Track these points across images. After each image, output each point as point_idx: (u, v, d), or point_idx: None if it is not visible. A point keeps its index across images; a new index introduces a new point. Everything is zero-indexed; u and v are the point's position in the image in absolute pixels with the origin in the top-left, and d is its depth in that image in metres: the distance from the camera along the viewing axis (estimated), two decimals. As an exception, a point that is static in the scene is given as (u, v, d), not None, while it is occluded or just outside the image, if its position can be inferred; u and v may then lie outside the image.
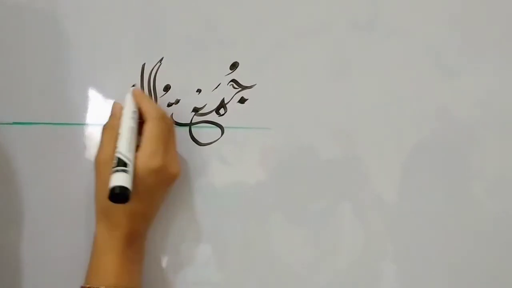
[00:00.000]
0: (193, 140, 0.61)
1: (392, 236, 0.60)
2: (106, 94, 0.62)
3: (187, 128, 0.61)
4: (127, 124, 0.55)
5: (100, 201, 0.56)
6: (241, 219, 0.62)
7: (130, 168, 0.52)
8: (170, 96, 0.62)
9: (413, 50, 0.59)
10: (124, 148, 0.53)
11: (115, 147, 0.53)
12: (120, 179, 0.50)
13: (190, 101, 0.61)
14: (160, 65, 0.61)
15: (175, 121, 0.61)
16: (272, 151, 0.61)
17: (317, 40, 0.60)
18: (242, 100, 0.61)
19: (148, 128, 0.55)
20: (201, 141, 0.61)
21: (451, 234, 0.59)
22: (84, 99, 0.62)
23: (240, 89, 0.61)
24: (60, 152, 0.62)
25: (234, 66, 0.61)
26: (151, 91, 0.62)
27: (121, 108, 0.57)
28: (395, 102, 0.60)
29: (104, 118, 0.61)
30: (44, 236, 0.63)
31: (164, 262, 0.62)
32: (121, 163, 0.52)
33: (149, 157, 0.54)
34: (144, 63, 0.61)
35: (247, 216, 0.62)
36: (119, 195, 0.50)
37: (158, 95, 0.62)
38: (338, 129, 0.60)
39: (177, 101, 0.62)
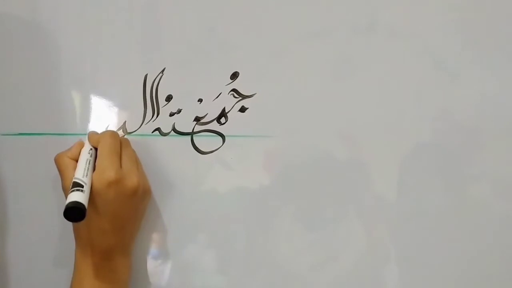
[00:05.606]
0: (195, 149, 0.62)
1: (396, 239, 0.61)
2: (109, 105, 0.63)
3: (189, 137, 0.62)
4: (84, 157, 0.57)
5: (73, 223, 0.58)
6: (244, 225, 0.62)
7: (85, 188, 0.53)
8: (172, 106, 0.62)
9: (414, 53, 0.59)
10: (80, 174, 0.54)
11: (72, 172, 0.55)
12: (73, 197, 0.51)
13: (191, 110, 0.62)
14: (162, 75, 0.62)
15: (177, 130, 0.62)
16: (273, 158, 0.62)
17: (316, 46, 0.60)
18: (242, 109, 0.61)
19: (100, 147, 0.57)
20: (203, 149, 0.62)
21: (454, 237, 0.60)
22: (87, 110, 0.63)
23: (240, 98, 0.61)
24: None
25: (234, 75, 0.61)
26: (153, 101, 0.62)
27: (82, 144, 0.59)
28: (397, 106, 0.60)
29: (107, 128, 0.62)
30: (46, 245, 0.64)
31: (169, 268, 0.63)
32: (76, 185, 0.53)
33: (103, 171, 0.55)
34: (146, 74, 0.62)
35: (250, 222, 0.62)
36: (73, 209, 0.50)
37: (160, 105, 0.62)
38: (340, 135, 0.61)
39: (179, 111, 0.62)
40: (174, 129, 0.62)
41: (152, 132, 0.62)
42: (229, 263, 0.63)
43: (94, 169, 0.56)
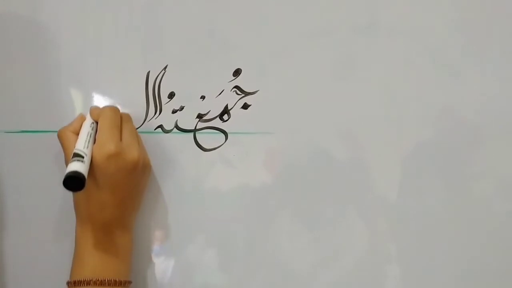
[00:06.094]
0: (198, 146, 0.62)
1: (397, 238, 0.61)
2: (111, 102, 0.63)
3: (191, 134, 0.62)
4: (86, 130, 0.57)
5: (74, 198, 0.58)
6: (246, 222, 0.62)
7: (85, 159, 0.53)
8: (175, 103, 0.62)
9: (416, 51, 0.59)
10: (81, 145, 0.54)
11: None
12: (73, 166, 0.52)
13: (194, 107, 0.62)
14: (164, 72, 0.62)
15: (180, 128, 0.62)
16: (276, 155, 0.62)
17: (318, 44, 0.61)
18: (245, 106, 0.62)
19: (101, 121, 0.57)
20: (206, 146, 0.62)
21: (456, 236, 0.60)
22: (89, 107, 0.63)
23: (243, 95, 0.62)
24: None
25: (237, 72, 0.61)
26: (155, 98, 0.62)
27: (83, 118, 0.59)
28: (399, 104, 0.60)
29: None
30: (47, 241, 0.64)
31: (171, 265, 0.63)
32: (77, 155, 0.53)
33: (103, 145, 0.55)
34: (149, 71, 0.62)
35: (252, 220, 0.62)
36: (72, 179, 0.51)
37: (163, 102, 0.62)
38: (342, 133, 0.61)
39: (182, 108, 0.62)
40: (176, 126, 0.62)
41: (155, 129, 0.63)
42: (230, 261, 0.63)
43: (95, 142, 0.56)
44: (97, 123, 0.58)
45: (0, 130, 0.64)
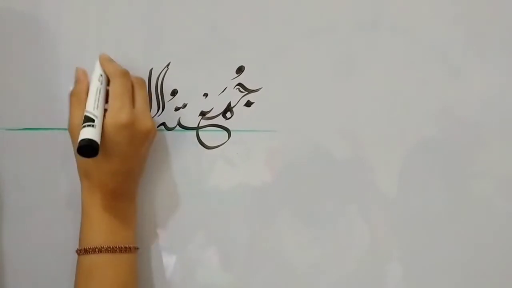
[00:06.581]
0: (201, 144, 0.62)
1: (399, 237, 0.61)
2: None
3: (194, 132, 0.62)
4: (94, 86, 0.56)
5: (80, 164, 0.57)
6: (248, 221, 0.62)
7: (97, 123, 0.53)
8: (178, 101, 0.62)
9: (418, 49, 0.60)
10: (91, 106, 0.54)
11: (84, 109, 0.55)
12: (87, 133, 0.51)
13: (197, 105, 0.62)
14: (167, 70, 0.62)
15: (183, 125, 0.62)
16: (279, 153, 0.62)
17: (321, 41, 0.61)
18: (248, 104, 0.61)
19: (112, 86, 0.56)
20: (208, 144, 0.62)
21: (456, 235, 0.60)
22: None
23: (246, 92, 0.61)
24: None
25: (240, 70, 0.61)
26: (158, 96, 0.62)
27: (86, 73, 0.58)
28: (402, 103, 0.60)
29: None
30: (48, 239, 0.64)
31: (172, 264, 0.63)
32: (88, 119, 0.53)
33: (116, 113, 0.54)
34: (152, 68, 0.62)
35: (254, 218, 0.62)
36: (87, 147, 0.51)
37: (166, 100, 0.62)
38: (344, 131, 0.61)
39: (184, 105, 0.62)
40: (179, 124, 0.62)
41: (158, 127, 0.62)
42: (231, 259, 0.63)
43: (106, 96, 0.55)
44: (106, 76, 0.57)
45: (1, 128, 0.64)
